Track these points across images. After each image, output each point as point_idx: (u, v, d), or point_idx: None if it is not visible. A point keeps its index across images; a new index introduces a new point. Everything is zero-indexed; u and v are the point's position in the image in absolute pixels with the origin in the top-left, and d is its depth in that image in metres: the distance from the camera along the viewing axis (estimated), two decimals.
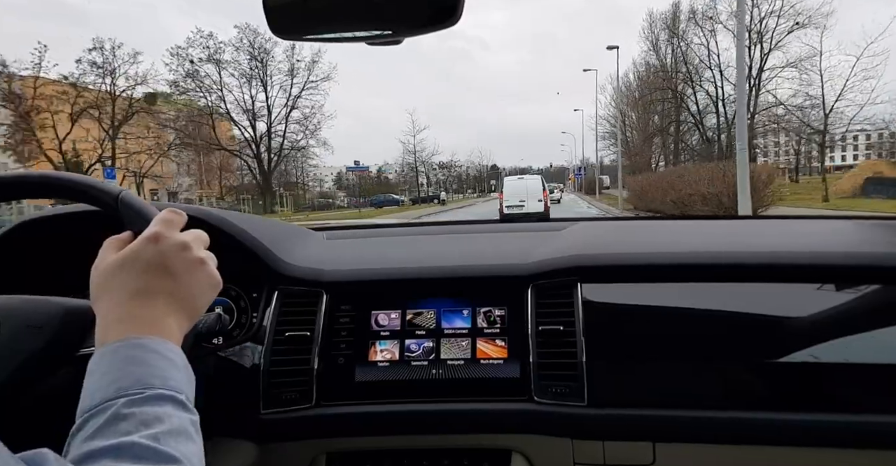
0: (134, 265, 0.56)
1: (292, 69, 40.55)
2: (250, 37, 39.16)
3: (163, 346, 0.52)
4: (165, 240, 0.58)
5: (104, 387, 0.48)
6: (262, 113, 40.71)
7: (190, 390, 0.53)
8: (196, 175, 47.32)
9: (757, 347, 0.98)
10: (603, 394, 0.96)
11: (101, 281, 0.57)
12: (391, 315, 1.07)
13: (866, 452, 0.91)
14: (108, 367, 0.50)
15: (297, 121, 41.43)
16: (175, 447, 0.46)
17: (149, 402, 0.48)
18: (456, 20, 0.58)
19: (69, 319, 0.72)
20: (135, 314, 0.54)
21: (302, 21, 0.61)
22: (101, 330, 0.54)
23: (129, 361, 0.50)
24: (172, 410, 0.49)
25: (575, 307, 1.02)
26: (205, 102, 39.58)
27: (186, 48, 38.11)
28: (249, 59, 39.87)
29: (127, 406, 0.47)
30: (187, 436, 0.48)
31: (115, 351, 0.51)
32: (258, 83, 40.49)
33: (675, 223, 1.62)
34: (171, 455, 0.45)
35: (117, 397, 0.47)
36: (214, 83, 39.49)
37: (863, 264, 1.01)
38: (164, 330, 0.54)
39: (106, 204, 0.68)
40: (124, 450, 0.44)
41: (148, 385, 0.49)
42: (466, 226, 1.55)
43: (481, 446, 1.01)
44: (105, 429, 0.45)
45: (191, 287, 0.58)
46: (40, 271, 1.01)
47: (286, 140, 41.68)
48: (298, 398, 1.01)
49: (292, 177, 50.57)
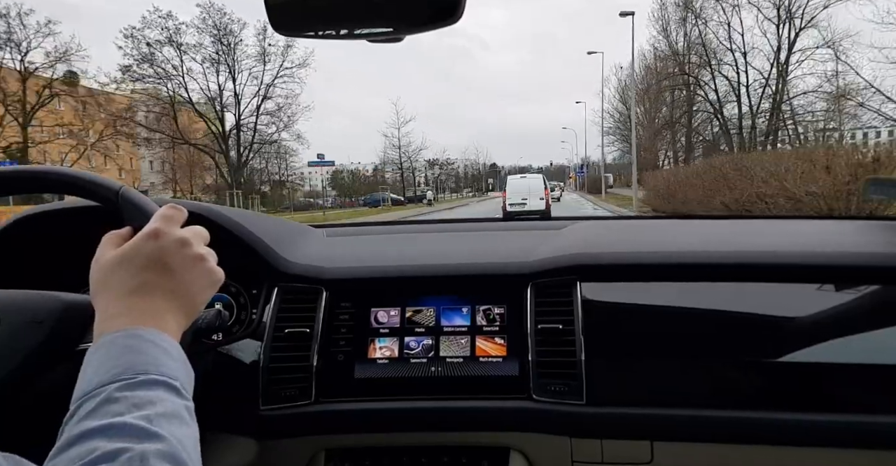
0: (133, 261, 0.56)
1: (264, 54, 34.85)
2: (215, 16, 33.57)
3: (158, 337, 0.53)
4: (165, 237, 0.58)
5: (100, 374, 0.49)
6: (230, 103, 35.35)
7: (186, 380, 0.53)
8: (168, 172, 41.35)
9: (756, 347, 0.98)
10: (601, 393, 0.96)
11: (100, 277, 0.57)
12: (391, 312, 1.07)
13: (864, 452, 0.91)
14: (105, 356, 0.50)
15: (269, 113, 36.07)
16: (167, 429, 0.46)
17: (142, 386, 0.48)
18: (457, 18, 0.58)
19: (69, 314, 0.72)
20: (133, 308, 0.54)
21: (303, 18, 0.61)
22: (99, 324, 0.54)
23: (125, 350, 0.50)
24: (165, 394, 0.49)
25: (574, 305, 1.02)
26: (165, 91, 33.92)
27: (142, 29, 32.25)
28: (214, 41, 34.07)
29: (120, 390, 0.47)
30: (180, 420, 0.48)
31: (112, 341, 0.51)
32: (225, 69, 34.75)
33: (674, 223, 1.62)
34: (162, 435, 0.45)
35: (111, 382, 0.48)
36: (175, 68, 33.53)
37: (862, 264, 1.01)
38: (160, 324, 0.54)
39: (106, 199, 0.68)
40: (116, 430, 0.44)
41: (141, 371, 0.49)
42: (467, 224, 1.55)
43: (480, 443, 1.01)
44: (97, 411, 0.46)
45: (190, 284, 0.58)
46: (40, 266, 1.01)
47: (258, 133, 36.44)
48: (298, 394, 1.01)
49: (270, 175, 45.90)
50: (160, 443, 0.44)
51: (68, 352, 0.71)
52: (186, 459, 0.45)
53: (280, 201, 42.51)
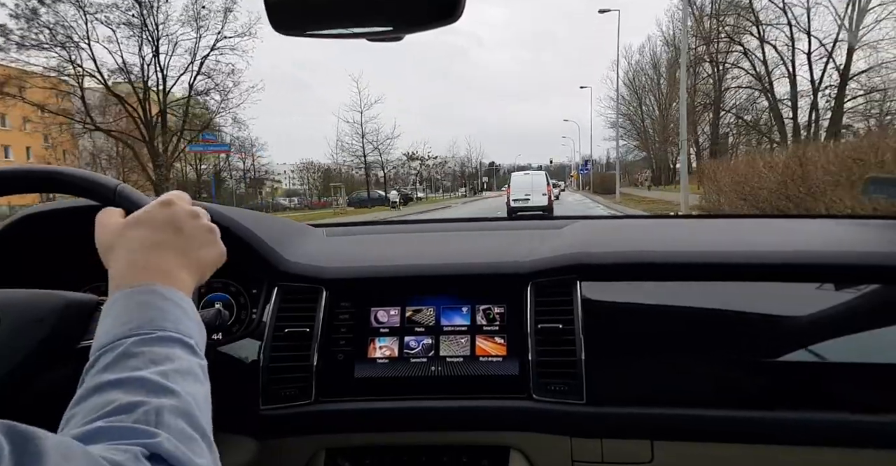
0: (149, 222, 0.59)
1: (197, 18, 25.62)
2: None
3: (176, 295, 0.54)
4: (177, 206, 0.61)
5: (117, 327, 0.50)
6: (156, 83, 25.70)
7: (200, 338, 0.54)
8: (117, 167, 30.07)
9: (755, 346, 0.98)
10: (601, 392, 0.96)
11: (111, 238, 0.59)
12: (391, 312, 1.07)
13: (864, 451, 0.91)
14: (122, 310, 0.51)
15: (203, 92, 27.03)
16: (182, 385, 0.47)
17: (159, 342, 0.49)
18: (457, 17, 0.58)
19: (70, 312, 0.72)
20: (150, 263, 0.56)
21: (303, 17, 0.61)
22: (115, 277, 0.55)
23: (142, 305, 0.51)
24: (181, 352, 0.50)
25: (574, 305, 1.02)
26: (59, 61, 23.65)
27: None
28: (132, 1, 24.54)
29: (137, 345, 0.48)
30: (195, 377, 0.49)
31: (129, 295, 0.52)
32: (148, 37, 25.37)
33: (674, 221, 1.62)
34: (177, 391, 0.46)
35: (129, 336, 0.49)
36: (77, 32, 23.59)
37: (862, 263, 1.01)
38: (176, 282, 0.56)
39: (103, 197, 0.68)
40: (132, 383, 0.45)
41: (159, 327, 0.50)
42: (467, 223, 1.55)
43: (480, 443, 1.02)
44: (115, 364, 0.47)
45: (200, 248, 0.61)
46: (40, 265, 1.01)
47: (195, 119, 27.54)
48: (298, 394, 1.01)
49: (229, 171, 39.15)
50: (174, 399, 0.45)
51: (69, 351, 0.71)
52: (199, 416, 0.47)
53: (241, 202, 35.77)
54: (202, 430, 0.46)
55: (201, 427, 0.46)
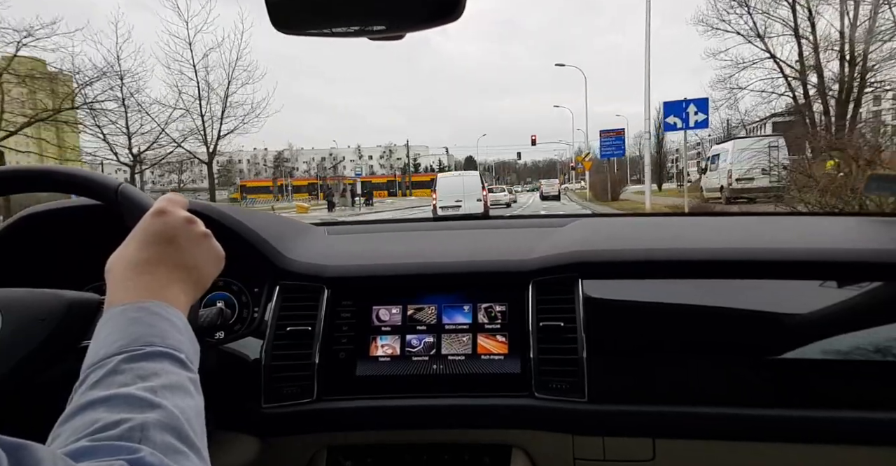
0: (141, 238, 0.59)
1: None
2: None
3: (164, 310, 0.54)
4: (171, 214, 0.60)
5: (107, 346, 0.50)
6: None
7: (192, 352, 0.54)
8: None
9: (757, 343, 0.98)
10: (603, 390, 0.96)
11: (112, 256, 0.59)
12: (392, 310, 1.07)
13: (867, 449, 0.92)
14: (112, 328, 0.51)
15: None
16: (171, 400, 0.47)
17: (148, 358, 0.49)
18: (458, 15, 0.57)
19: (72, 312, 0.72)
20: (140, 281, 0.56)
21: (304, 16, 0.61)
22: (108, 296, 0.56)
23: (132, 322, 0.52)
24: (170, 366, 0.50)
25: (576, 303, 1.02)
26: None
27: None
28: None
29: (126, 361, 0.48)
30: (185, 391, 0.49)
31: (120, 313, 0.53)
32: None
33: (675, 219, 1.61)
34: (164, 405, 0.45)
35: (117, 353, 0.49)
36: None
37: (865, 261, 1.01)
38: (167, 297, 0.56)
39: (106, 196, 0.68)
40: (118, 400, 0.45)
41: (147, 343, 0.50)
42: (468, 222, 1.55)
43: (481, 441, 1.02)
44: (103, 382, 0.47)
45: (196, 257, 0.60)
46: (42, 264, 1.01)
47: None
48: (300, 392, 1.01)
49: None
50: (161, 413, 0.45)
51: (71, 349, 0.71)
52: (188, 429, 0.46)
53: None
54: (192, 443, 0.45)
55: (191, 440, 0.45)
